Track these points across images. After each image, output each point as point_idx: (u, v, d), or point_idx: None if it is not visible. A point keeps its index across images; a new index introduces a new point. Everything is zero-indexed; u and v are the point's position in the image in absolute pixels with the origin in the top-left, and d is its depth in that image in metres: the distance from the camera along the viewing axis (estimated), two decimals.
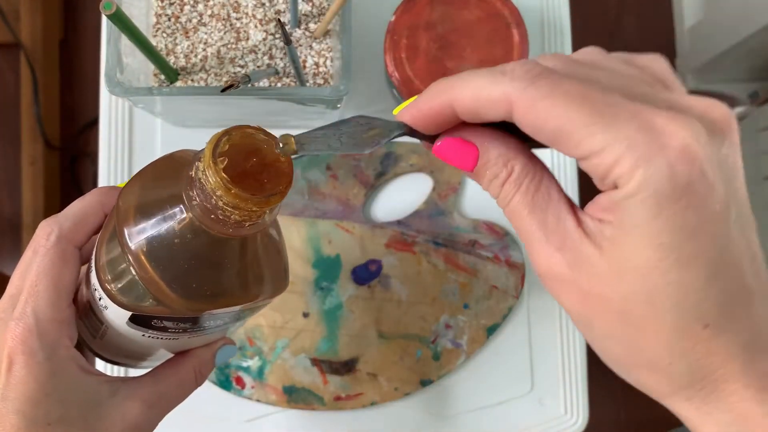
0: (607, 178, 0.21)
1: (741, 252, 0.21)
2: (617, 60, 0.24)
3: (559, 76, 0.21)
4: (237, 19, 0.46)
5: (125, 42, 0.41)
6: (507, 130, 0.23)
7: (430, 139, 0.24)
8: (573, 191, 0.54)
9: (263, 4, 0.46)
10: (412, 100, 0.24)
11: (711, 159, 0.20)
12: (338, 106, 0.44)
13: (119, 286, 0.27)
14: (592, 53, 0.24)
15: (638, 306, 0.21)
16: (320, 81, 0.46)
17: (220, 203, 0.23)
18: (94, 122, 1.35)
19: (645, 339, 0.22)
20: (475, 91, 0.22)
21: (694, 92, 0.23)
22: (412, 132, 0.24)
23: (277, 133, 0.24)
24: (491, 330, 0.51)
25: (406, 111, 0.24)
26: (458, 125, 0.24)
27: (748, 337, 0.21)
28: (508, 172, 0.23)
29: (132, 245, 0.26)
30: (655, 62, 0.24)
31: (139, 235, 0.26)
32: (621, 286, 0.21)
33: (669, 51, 1.45)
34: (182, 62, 0.45)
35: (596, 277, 0.21)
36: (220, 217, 0.24)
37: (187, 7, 0.46)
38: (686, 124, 0.20)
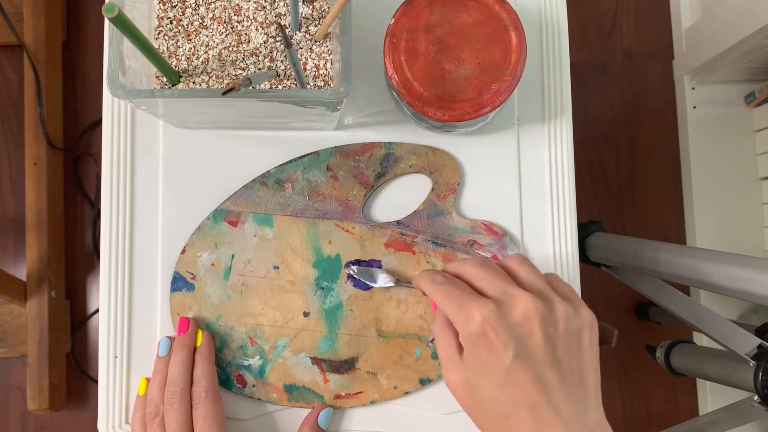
0: (458, 331, 0.41)
1: (524, 376, 0.38)
2: (494, 267, 0.43)
3: (444, 284, 0.42)
4: (238, 22, 0.47)
5: (127, 44, 0.41)
6: None
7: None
8: (570, 189, 0.54)
9: (264, 8, 0.47)
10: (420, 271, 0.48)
11: (496, 325, 0.39)
12: (338, 108, 0.45)
13: None
14: (473, 267, 0.43)
15: (475, 401, 0.40)
16: (321, 83, 0.46)
17: None
18: (97, 123, 1.36)
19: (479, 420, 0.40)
20: (423, 287, 0.44)
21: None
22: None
23: (277, 135, 0.25)
24: None
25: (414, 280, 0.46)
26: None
27: (535, 427, 0.38)
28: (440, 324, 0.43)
29: None
30: (513, 262, 0.44)
31: None
32: (469, 385, 0.40)
33: (666, 52, 1.46)
34: (184, 65, 0.46)
35: (467, 376, 0.40)
36: None
37: (188, 11, 0.47)
38: (484, 307, 0.39)
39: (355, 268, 0.51)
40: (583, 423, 0.38)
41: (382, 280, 0.51)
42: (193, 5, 0.47)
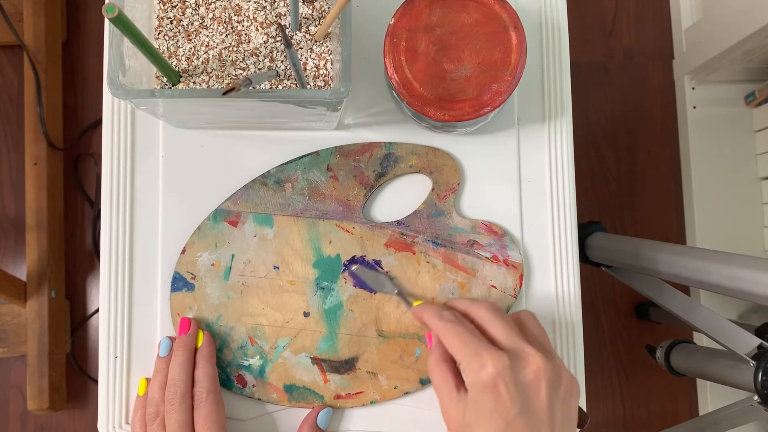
0: (463, 373, 0.41)
1: (522, 428, 0.39)
2: (507, 317, 0.44)
3: (454, 323, 0.43)
4: (238, 22, 0.47)
5: (127, 44, 0.41)
6: None
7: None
8: (570, 189, 0.54)
9: (264, 8, 0.47)
10: (418, 303, 0.48)
11: (508, 379, 0.39)
12: (338, 108, 0.45)
13: None
14: (486, 312, 0.44)
15: None
16: (321, 83, 0.46)
17: None
18: (97, 123, 1.36)
19: None
20: (427, 321, 0.45)
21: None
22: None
23: (277, 135, 0.25)
24: None
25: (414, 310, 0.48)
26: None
27: None
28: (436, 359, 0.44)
29: None
30: (525, 316, 0.46)
31: None
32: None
33: (666, 52, 1.46)
34: (184, 65, 0.46)
35: (465, 417, 0.41)
36: None
37: (188, 11, 0.47)
38: (498, 359, 0.40)
39: (357, 266, 0.51)
40: None
41: (388, 288, 0.51)
42: (193, 5, 0.47)
